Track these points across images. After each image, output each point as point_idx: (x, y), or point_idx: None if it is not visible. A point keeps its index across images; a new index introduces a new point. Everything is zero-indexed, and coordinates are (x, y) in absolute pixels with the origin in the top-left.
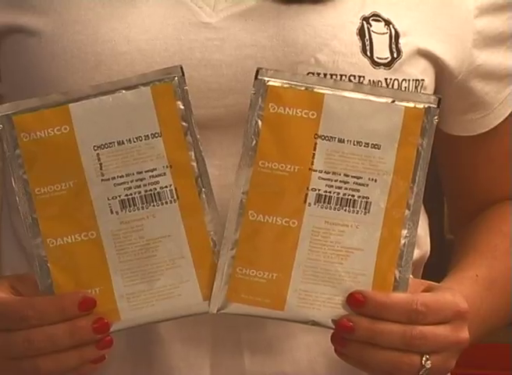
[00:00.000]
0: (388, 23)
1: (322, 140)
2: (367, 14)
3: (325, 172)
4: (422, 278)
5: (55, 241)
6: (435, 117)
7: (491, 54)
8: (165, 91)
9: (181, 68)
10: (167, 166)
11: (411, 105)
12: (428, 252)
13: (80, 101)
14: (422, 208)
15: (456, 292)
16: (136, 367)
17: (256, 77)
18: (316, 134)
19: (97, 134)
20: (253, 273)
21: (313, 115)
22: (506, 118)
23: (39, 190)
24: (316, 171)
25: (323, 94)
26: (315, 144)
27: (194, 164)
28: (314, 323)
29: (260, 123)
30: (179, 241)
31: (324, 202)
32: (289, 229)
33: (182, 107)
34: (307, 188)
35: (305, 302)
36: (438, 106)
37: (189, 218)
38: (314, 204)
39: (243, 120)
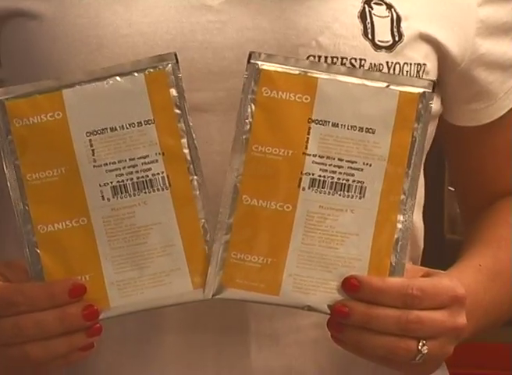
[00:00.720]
0: (390, 6)
1: (316, 124)
2: None
3: (319, 156)
4: None
5: (45, 228)
6: (431, 102)
7: (495, 43)
8: (159, 78)
9: (175, 55)
10: (159, 153)
11: (406, 89)
12: (422, 247)
13: (74, 87)
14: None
15: (453, 278)
16: (140, 354)
17: (249, 61)
18: (310, 119)
19: (89, 120)
20: (247, 257)
21: (306, 99)
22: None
23: (30, 176)
24: (310, 155)
25: (317, 78)
26: (309, 128)
27: (187, 151)
28: (310, 309)
29: (253, 107)
30: (170, 228)
31: (318, 187)
32: (284, 213)
33: (175, 94)
34: (301, 172)
35: (300, 287)
36: (433, 91)
37: (180, 206)
38: (309, 188)
39: None
